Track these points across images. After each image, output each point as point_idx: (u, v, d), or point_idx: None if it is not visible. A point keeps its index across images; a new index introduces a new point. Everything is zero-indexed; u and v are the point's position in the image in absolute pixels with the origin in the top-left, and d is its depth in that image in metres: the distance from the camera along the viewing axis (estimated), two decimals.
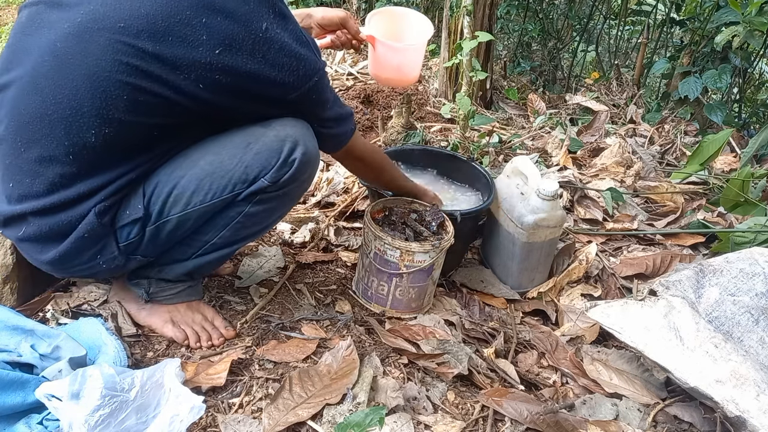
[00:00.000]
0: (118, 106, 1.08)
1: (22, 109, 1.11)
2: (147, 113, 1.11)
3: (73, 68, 1.07)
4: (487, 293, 1.80)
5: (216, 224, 1.27)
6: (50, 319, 1.35)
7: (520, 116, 3.24)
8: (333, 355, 1.29)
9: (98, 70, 1.06)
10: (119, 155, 1.15)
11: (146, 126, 1.13)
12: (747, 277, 1.46)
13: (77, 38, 1.07)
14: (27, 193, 1.15)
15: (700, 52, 3.18)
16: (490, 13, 2.97)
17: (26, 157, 1.13)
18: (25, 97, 1.11)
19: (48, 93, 1.09)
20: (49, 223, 1.16)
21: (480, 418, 1.24)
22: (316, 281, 1.66)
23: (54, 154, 1.11)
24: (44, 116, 1.10)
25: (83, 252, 1.20)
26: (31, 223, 1.17)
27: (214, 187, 1.21)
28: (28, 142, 1.12)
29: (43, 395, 1.03)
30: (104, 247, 1.21)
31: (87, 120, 1.09)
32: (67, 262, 1.22)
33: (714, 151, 2.30)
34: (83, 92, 1.07)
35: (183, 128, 1.19)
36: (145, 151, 1.17)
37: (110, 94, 1.07)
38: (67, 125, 1.09)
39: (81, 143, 1.10)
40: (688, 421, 1.31)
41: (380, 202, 1.62)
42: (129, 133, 1.12)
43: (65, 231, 1.17)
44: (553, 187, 1.65)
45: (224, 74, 1.09)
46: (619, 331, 1.41)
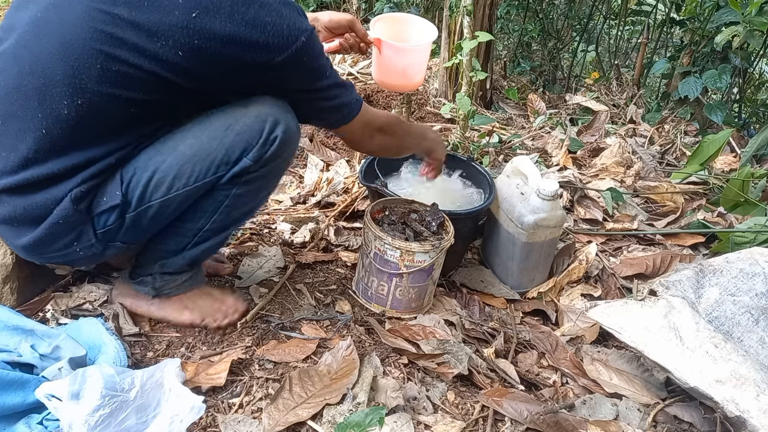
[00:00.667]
0: (91, 76, 1.05)
1: (2, 81, 1.11)
2: (122, 85, 1.07)
3: (50, 37, 1.06)
4: (487, 293, 1.80)
5: (205, 210, 1.25)
6: (50, 319, 1.35)
7: (520, 116, 3.24)
8: (333, 355, 1.29)
9: (72, 38, 1.05)
10: (95, 134, 1.12)
11: (121, 100, 1.09)
12: (747, 277, 1.47)
13: (56, 8, 1.07)
14: (2, 168, 1.13)
15: (700, 52, 3.18)
16: (490, 13, 2.98)
17: (4, 130, 1.12)
18: (6, 69, 1.11)
19: (25, 63, 1.08)
20: (23, 204, 1.14)
21: (480, 418, 1.24)
22: (316, 281, 1.66)
23: (28, 127, 1.10)
24: (20, 87, 1.09)
25: (58, 238, 1.18)
26: (5, 203, 1.15)
27: (197, 171, 1.18)
28: (5, 115, 1.11)
29: (43, 395, 1.03)
30: (81, 234, 1.19)
31: (60, 89, 1.07)
32: (42, 248, 1.20)
33: (714, 151, 2.31)
34: (56, 60, 1.06)
35: (161, 108, 1.15)
36: (123, 133, 1.14)
37: (84, 62, 1.05)
38: (40, 95, 1.08)
39: (54, 115, 1.08)
40: (688, 421, 1.31)
41: (380, 202, 1.62)
42: (103, 106, 1.09)
43: (40, 215, 1.15)
44: (553, 187, 1.65)
45: (203, 39, 1.05)
46: (619, 331, 1.41)
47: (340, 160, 2.40)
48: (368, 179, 1.76)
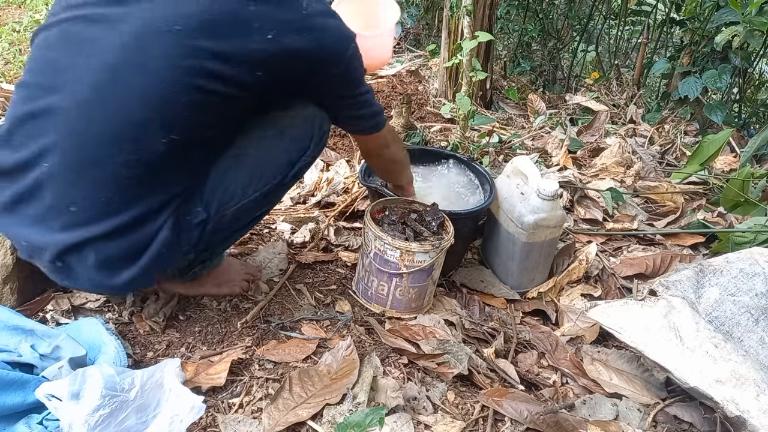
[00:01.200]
0: (185, 110, 1.09)
1: (84, 128, 1.08)
2: (209, 112, 1.12)
3: (136, 79, 1.06)
4: (487, 293, 1.80)
5: (262, 205, 1.34)
6: (50, 320, 1.35)
7: (520, 116, 3.24)
8: (333, 355, 1.29)
9: (163, 78, 1.05)
10: (180, 163, 1.15)
11: (205, 125, 1.15)
12: (747, 277, 1.47)
13: (135, 49, 1.05)
14: (88, 217, 1.11)
15: (700, 52, 3.18)
16: (490, 13, 2.97)
17: (90, 178, 1.09)
18: (86, 116, 1.08)
19: (113, 109, 1.07)
20: (119, 247, 1.14)
21: (480, 418, 1.24)
22: (316, 281, 1.66)
23: (123, 171, 1.09)
24: (108, 133, 1.08)
25: (157, 267, 1.20)
26: (98, 250, 1.13)
27: (265, 177, 1.29)
28: (91, 163, 1.09)
29: (43, 395, 1.03)
30: (174, 256, 1.22)
31: (157, 129, 1.08)
32: (140, 281, 1.20)
33: (714, 151, 2.30)
34: (152, 102, 1.06)
35: (229, 126, 1.22)
36: (199, 156, 1.19)
37: (178, 99, 1.07)
38: (136, 137, 1.08)
39: (150, 152, 1.09)
40: (688, 421, 1.31)
41: (380, 202, 1.62)
42: (192, 135, 1.13)
43: (138, 251, 1.15)
44: (553, 187, 1.65)
45: (277, 57, 1.12)
46: (619, 331, 1.41)
47: (340, 160, 2.40)
48: (368, 179, 1.76)
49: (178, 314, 1.44)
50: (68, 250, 1.12)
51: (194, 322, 1.42)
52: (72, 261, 1.14)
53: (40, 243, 1.14)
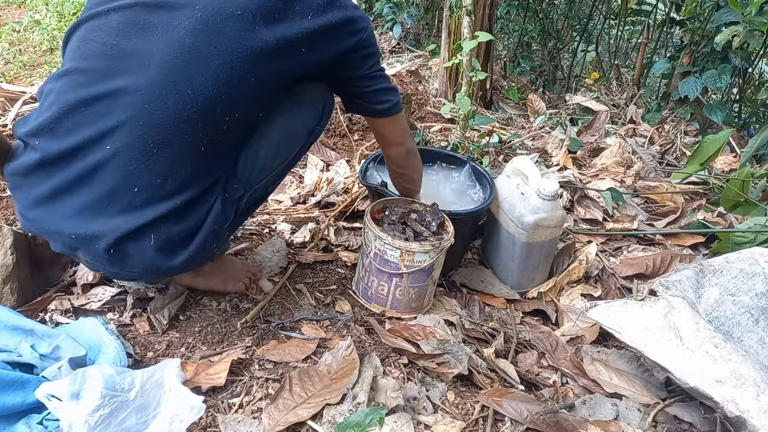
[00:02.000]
0: (251, 89, 1.17)
1: (155, 110, 1.10)
2: (268, 91, 1.22)
3: (208, 61, 1.12)
4: (487, 293, 1.80)
5: (281, 176, 1.42)
6: (49, 320, 1.35)
7: (520, 116, 3.24)
8: (333, 355, 1.29)
9: (231, 59, 1.12)
10: (235, 138, 1.24)
11: (262, 104, 1.23)
12: (747, 277, 1.47)
13: (204, 32, 1.12)
14: (156, 195, 1.13)
15: (700, 52, 3.18)
16: (490, 13, 2.98)
17: (159, 158, 1.12)
18: (159, 98, 1.10)
19: (185, 89, 1.11)
20: (180, 225, 1.17)
21: (480, 418, 1.24)
22: (316, 281, 1.66)
23: (189, 151, 1.15)
24: (182, 113, 1.11)
25: (210, 245, 1.24)
26: (161, 229, 1.15)
27: (288, 148, 1.38)
28: (161, 142, 1.11)
29: (43, 395, 1.03)
30: (222, 234, 1.27)
31: (224, 109, 1.15)
32: (195, 261, 1.23)
33: (714, 151, 2.30)
34: (221, 82, 1.13)
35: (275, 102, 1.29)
36: (249, 131, 1.28)
37: (244, 80, 1.14)
38: (205, 116, 1.13)
39: (214, 131, 1.16)
40: (688, 421, 1.31)
41: (380, 202, 1.62)
42: (249, 114, 1.22)
43: (193, 230, 1.19)
44: (553, 187, 1.65)
45: (320, 33, 1.21)
46: (619, 331, 1.41)
47: (340, 160, 2.40)
48: (368, 179, 1.76)
49: (178, 314, 1.44)
50: (129, 234, 1.13)
51: (194, 322, 1.42)
52: (129, 246, 1.15)
53: (94, 231, 1.13)
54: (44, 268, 1.46)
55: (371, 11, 4.35)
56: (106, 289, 1.45)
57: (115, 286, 1.48)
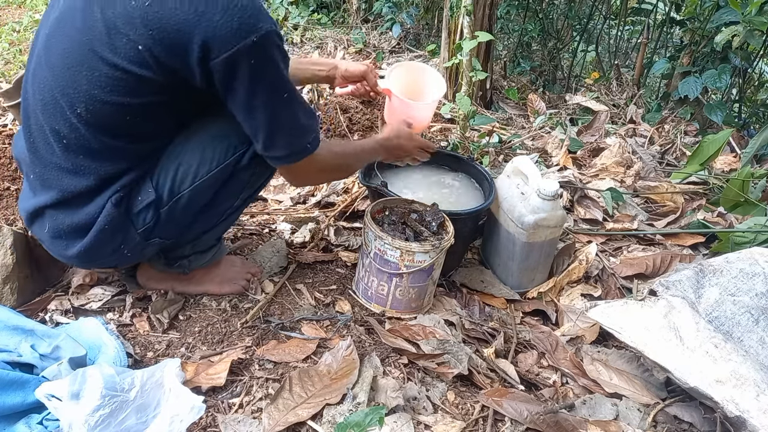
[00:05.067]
0: (90, 85, 1.08)
1: (29, 96, 1.19)
2: (111, 90, 1.07)
3: (54, 47, 1.12)
4: (487, 293, 1.80)
5: (233, 191, 1.31)
6: (49, 320, 1.35)
7: (520, 116, 3.24)
8: (333, 355, 1.29)
9: (66, 44, 1.10)
10: (110, 143, 1.16)
11: (117, 106, 1.09)
12: (747, 277, 1.46)
13: (57, 22, 1.12)
14: (45, 184, 1.21)
15: (700, 52, 3.17)
16: (490, 13, 2.97)
17: (39, 149, 1.19)
18: (32, 84, 1.18)
19: (41, 76, 1.15)
20: (69, 218, 1.21)
21: (480, 418, 1.24)
22: (316, 281, 1.66)
23: (54, 143, 1.16)
24: (40, 105, 1.16)
25: (107, 243, 1.24)
26: (52, 217, 1.22)
27: (217, 154, 1.23)
28: (37, 134, 1.18)
29: (43, 395, 1.03)
30: (126, 235, 1.25)
31: (67, 104, 1.12)
32: (93, 255, 1.26)
33: (714, 151, 2.30)
34: (58, 69, 1.11)
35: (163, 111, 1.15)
36: (139, 139, 1.19)
37: (75, 66, 1.09)
38: (52, 107, 1.14)
39: (69, 127, 1.14)
40: (688, 421, 1.31)
41: (380, 202, 1.62)
42: (104, 113, 1.10)
43: (85, 224, 1.21)
44: (553, 187, 1.65)
45: (155, 29, 1.01)
46: (619, 331, 1.41)
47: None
48: (368, 179, 1.76)
49: (178, 314, 1.44)
50: (31, 216, 1.25)
51: (194, 322, 1.42)
52: (36, 228, 1.27)
53: (21, 208, 1.30)
54: (44, 268, 1.46)
55: (371, 11, 4.35)
56: (106, 289, 1.45)
57: (115, 287, 1.49)
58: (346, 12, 4.61)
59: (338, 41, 3.97)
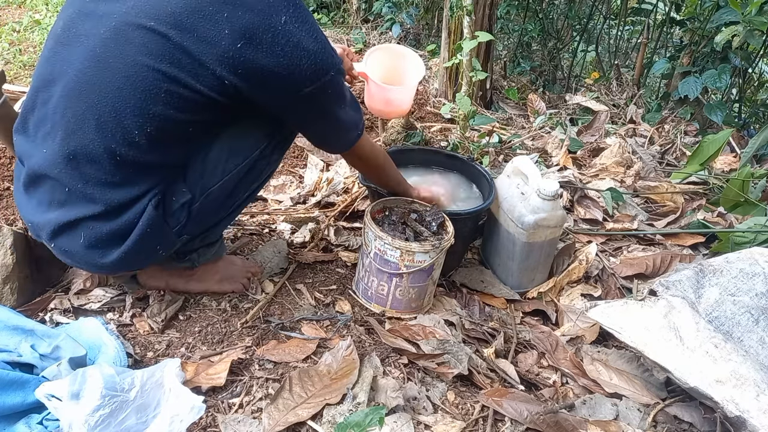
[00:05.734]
0: (158, 102, 1.11)
1: (70, 117, 1.15)
2: (184, 109, 1.14)
3: (114, 70, 1.11)
4: (487, 293, 1.80)
5: (247, 182, 1.35)
6: (49, 320, 1.35)
7: (520, 116, 3.24)
8: (333, 355, 1.29)
9: (137, 67, 1.10)
10: (163, 154, 1.19)
11: (184, 122, 1.16)
12: (747, 277, 1.46)
13: (114, 41, 1.11)
14: (83, 196, 1.18)
15: (700, 52, 3.17)
16: (490, 13, 2.97)
17: (77, 163, 1.16)
18: (72, 105, 1.14)
19: (93, 98, 1.12)
20: (109, 226, 1.20)
21: (480, 418, 1.24)
22: (316, 281, 1.66)
23: (106, 159, 1.15)
24: (93, 121, 1.13)
25: (146, 246, 1.25)
26: (91, 228, 1.20)
27: (244, 149, 1.29)
28: (77, 149, 1.16)
29: (43, 395, 1.03)
30: (163, 236, 1.26)
31: (131, 120, 1.12)
32: (131, 259, 1.26)
33: (714, 151, 2.30)
34: (126, 91, 1.11)
35: (213, 123, 1.23)
36: (183, 146, 1.23)
37: (150, 89, 1.10)
38: (113, 127, 1.13)
39: (128, 142, 1.14)
40: (688, 421, 1.31)
41: (380, 202, 1.62)
42: (169, 129, 1.16)
43: (126, 230, 1.21)
44: (553, 187, 1.65)
45: (245, 68, 1.11)
46: (619, 331, 1.41)
47: (340, 160, 2.40)
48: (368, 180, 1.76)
49: (178, 314, 1.44)
50: (61, 228, 1.22)
51: (194, 322, 1.42)
52: (63, 240, 1.24)
53: (39, 222, 1.25)
54: (44, 268, 1.46)
55: (371, 11, 4.35)
56: (107, 290, 1.45)
57: (115, 287, 1.49)
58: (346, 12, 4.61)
59: (338, 41, 3.97)
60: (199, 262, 1.47)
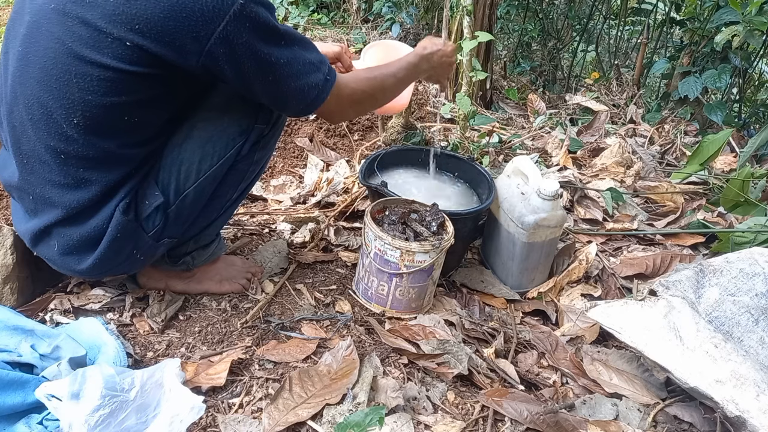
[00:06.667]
0: (81, 91, 1.06)
1: (15, 122, 1.15)
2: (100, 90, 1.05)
3: (33, 64, 1.09)
4: (487, 293, 1.80)
5: (232, 182, 1.32)
6: (49, 320, 1.35)
7: (520, 116, 3.24)
8: (333, 355, 1.29)
9: (48, 54, 1.06)
10: (110, 150, 1.14)
11: (114, 107, 1.08)
12: (747, 277, 1.46)
13: (29, 35, 1.09)
14: (46, 202, 1.18)
15: (700, 52, 3.17)
16: (490, 13, 2.97)
17: (32, 168, 1.16)
18: (13, 109, 1.14)
19: (24, 97, 1.11)
20: (79, 232, 1.19)
21: (480, 418, 1.24)
22: (316, 281, 1.66)
23: (53, 161, 1.13)
24: (26, 121, 1.12)
25: (121, 251, 1.24)
26: (62, 234, 1.20)
27: (218, 148, 1.24)
28: (27, 153, 1.15)
29: (43, 395, 1.03)
30: (138, 241, 1.24)
31: (58, 112, 1.08)
32: (107, 265, 1.25)
33: (714, 151, 2.30)
34: (45, 83, 1.08)
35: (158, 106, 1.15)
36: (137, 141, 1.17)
37: (62, 75, 1.05)
38: (45, 122, 1.11)
39: (66, 139, 1.11)
40: (688, 421, 1.31)
41: (380, 202, 1.62)
42: (100, 118, 1.09)
43: (96, 236, 1.20)
44: (553, 187, 1.65)
45: (141, 21, 1.00)
46: (619, 331, 1.41)
47: (340, 160, 2.40)
48: (368, 179, 1.76)
49: (178, 314, 1.44)
50: (37, 236, 1.22)
51: (194, 322, 1.42)
52: (42, 248, 1.24)
53: (22, 231, 1.27)
54: (44, 268, 1.46)
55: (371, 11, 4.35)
56: (107, 290, 1.45)
57: (115, 287, 1.48)
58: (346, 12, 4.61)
59: (338, 41, 3.97)
60: (194, 265, 1.45)
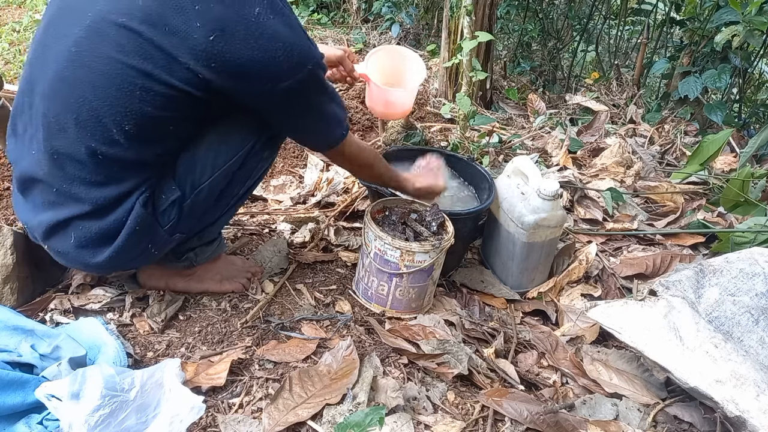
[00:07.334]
0: (134, 98, 1.10)
1: (51, 118, 1.15)
2: (159, 105, 1.11)
3: (89, 69, 1.10)
4: (487, 293, 1.80)
5: (240, 178, 1.34)
6: (49, 320, 1.35)
7: (520, 116, 3.24)
8: (333, 355, 1.29)
9: (111, 65, 1.08)
10: (145, 152, 1.18)
11: (163, 119, 1.14)
12: (747, 277, 1.46)
13: (88, 40, 1.10)
14: (69, 196, 1.19)
15: (700, 52, 3.17)
16: (490, 13, 2.97)
17: (61, 164, 1.17)
18: (52, 106, 1.15)
19: (71, 98, 1.12)
20: (98, 225, 1.20)
21: (480, 418, 1.24)
22: (316, 281, 1.66)
23: (87, 158, 1.15)
24: (70, 120, 1.13)
25: (137, 244, 1.25)
26: (80, 227, 1.21)
27: (233, 144, 1.28)
28: (59, 149, 1.16)
29: (43, 395, 1.03)
30: (154, 234, 1.26)
31: (110, 118, 1.11)
32: (122, 259, 1.26)
33: (714, 151, 2.30)
34: (102, 90, 1.10)
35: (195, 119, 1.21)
36: (167, 143, 1.21)
37: (125, 86, 1.09)
38: (92, 126, 1.12)
39: (109, 141, 1.13)
40: (688, 421, 1.31)
41: (380, 202, 1.62)
42: (148, 128, 1.14)
43: (115, 229, 1.21)
44: (553, 187, 1.65)
45: (218, 62, 1.08)
46: (619, 331, 1.41)
47: None
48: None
49: (178, 314, 1.44)
50: (52, 229, 1.22)
51: (194, 322, 1.42)
52: (56, 240, 1.24)
53: (34, 223, 1.26)
54: (44, 268, 1.46)
55: (371, 11, 4.35)
56: (107, 290, 1.45)
57: (115, 287, 1.49)
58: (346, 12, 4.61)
59: (338, 41, 3.97)
60: (197, 261, 1.46)
